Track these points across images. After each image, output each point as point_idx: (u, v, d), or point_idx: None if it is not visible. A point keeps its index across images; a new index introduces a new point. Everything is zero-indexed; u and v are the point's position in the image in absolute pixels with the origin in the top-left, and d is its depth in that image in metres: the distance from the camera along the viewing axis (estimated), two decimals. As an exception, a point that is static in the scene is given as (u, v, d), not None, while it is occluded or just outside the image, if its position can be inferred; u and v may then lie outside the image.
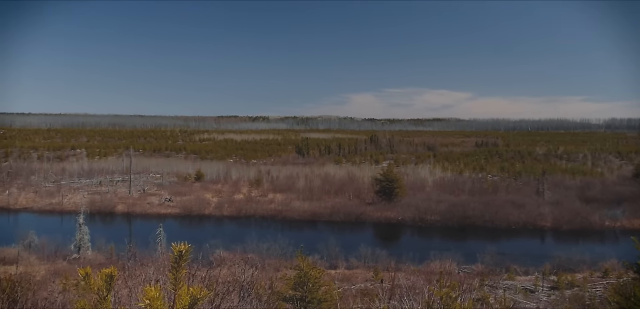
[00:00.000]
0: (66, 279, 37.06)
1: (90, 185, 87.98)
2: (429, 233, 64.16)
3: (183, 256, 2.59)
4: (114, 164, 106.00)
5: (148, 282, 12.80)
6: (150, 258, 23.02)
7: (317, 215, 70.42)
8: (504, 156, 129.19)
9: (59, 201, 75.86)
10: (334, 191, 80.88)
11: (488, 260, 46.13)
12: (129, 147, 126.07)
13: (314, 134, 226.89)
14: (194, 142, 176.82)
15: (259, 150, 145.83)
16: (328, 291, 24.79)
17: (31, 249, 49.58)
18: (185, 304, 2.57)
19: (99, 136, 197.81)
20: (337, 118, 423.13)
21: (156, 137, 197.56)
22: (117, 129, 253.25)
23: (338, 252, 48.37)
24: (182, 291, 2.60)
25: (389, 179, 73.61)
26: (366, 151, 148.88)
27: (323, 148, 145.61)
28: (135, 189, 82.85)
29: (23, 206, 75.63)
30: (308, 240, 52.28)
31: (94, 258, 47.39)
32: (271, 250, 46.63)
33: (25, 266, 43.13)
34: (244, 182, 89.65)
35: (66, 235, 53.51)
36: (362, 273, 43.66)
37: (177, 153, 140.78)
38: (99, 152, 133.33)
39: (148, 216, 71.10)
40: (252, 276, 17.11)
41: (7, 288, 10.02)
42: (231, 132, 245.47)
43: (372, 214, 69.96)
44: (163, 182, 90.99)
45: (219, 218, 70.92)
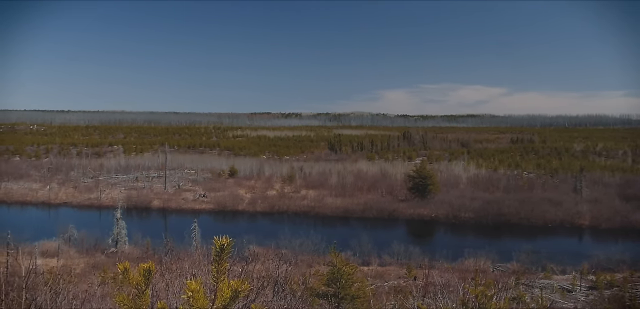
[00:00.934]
0: (104, 272, 37.94)
1: (127, 181, 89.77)
2: (463, 230, 63.43)
3: (225, 250, 2.63)
4: (150, 160, 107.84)
5: (184, 276, 13.00)
6: (186, 253, 23.34)
7: (350, 211, 70.35)
8: (540, 153, 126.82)
9: (97, 196, 77.61)
10: (366, 187, 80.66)
11: (524, 258, 45.33)
12: (165, 143, 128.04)
13: (347, 131, 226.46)
14: (228, 139, 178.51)
15: (291, 146, 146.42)
16: (361, 287, 24.77)
17: (71, 243, 50.92)
18: (226, 298, 2.61)
19: (136, 133, 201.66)
20: (369, 114, 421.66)
21: (191, 134, 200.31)
22: (152, 126, 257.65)
23: (371, 249, 48.23)
24: (223, 285, 2.64)
25: (422, 176, 73.02)
26: (399, 147, 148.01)
27: (355, 145, 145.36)
28: (170, 185, 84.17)
29: (63, 201, 77.63)
30: (341, 236, 52.31)
31: (131, 251, 48.38)
32: (304, 246, 46.81)
33: (66, 259, 44.35)
34: (276, 178, 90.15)
35: (104, 229, 54.78)
36: (395, 270, 43.45)
37: (211, 149, 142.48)
38: (136, 148, 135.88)
39: (183, 211, 72.18)
40: (286, 272, 17.19)
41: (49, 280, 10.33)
42: (264, 128, 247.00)
43: (405, 211, 69.55)
44: (197, 178, 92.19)
45: (252, 214, 71.50)
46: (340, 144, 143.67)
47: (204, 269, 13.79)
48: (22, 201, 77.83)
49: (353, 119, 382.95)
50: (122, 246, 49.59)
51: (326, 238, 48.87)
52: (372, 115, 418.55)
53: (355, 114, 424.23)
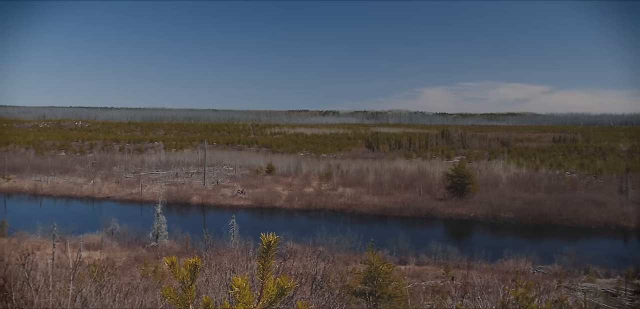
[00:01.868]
0: (145, 265, 38.80)
1: (167, 176, 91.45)
2: (503, 230, 62.31)
3: (271, 247, 2.66)
4: (190, 157, 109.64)
5: (223, 271, 13.18)
6: (224, 248, 23.66)
7: (387, 210, 69.98)
8: (583, 152, 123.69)
9: (139, 191, 79.30)
10: (404, 186, 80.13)
11: (566, 261, 44.24)
12: (204, 140, 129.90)
13: (384, 129, 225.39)
14: (266, 136, 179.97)
15: (329, 144, 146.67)
16: (398, 286, 24.67)
17: (113, 236, 52.20)
18: (272, 295, 2.64)
19: (176, 130, 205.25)
20: (407, 112, 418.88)
21: (229, 131, 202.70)
22: (192, 123, 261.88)
23: (408, 248, 47.86)
24: (269, 282, 2.67)
25: (460, 175, 72.07)
26: (437, 145, 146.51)
27: (393, 143, 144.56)
28: (209, 181, 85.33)
29: (106, 195, 79.61)
30: (378, 235, 52.12)
31: (171, 246, 49.26)
32: (341, 244, 46.82)
33: (108, 252, 45.51)
34: (314, 175, 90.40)
35: (145, 224, 55.95)
36: (432, 270, 43.05)
37: (249, 146, 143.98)
38: (176, 145, 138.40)
39: (221, 207, 73.08)
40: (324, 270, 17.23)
41: (94, 273, 10.63)
42: (302, 126, 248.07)
43: (443, 210, 68.78)
44: (236, 174, 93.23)
45: (290, 211, 71.87)
46: (378, 142, 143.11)
47: (243, 265, 13.95)
48: (68, 194, 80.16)
49: (391, 117, 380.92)
50: (162, 241, 50.52)
51: (363, 236, 48.81)
52: (410, 113, 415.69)
53: (393, 112, 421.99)
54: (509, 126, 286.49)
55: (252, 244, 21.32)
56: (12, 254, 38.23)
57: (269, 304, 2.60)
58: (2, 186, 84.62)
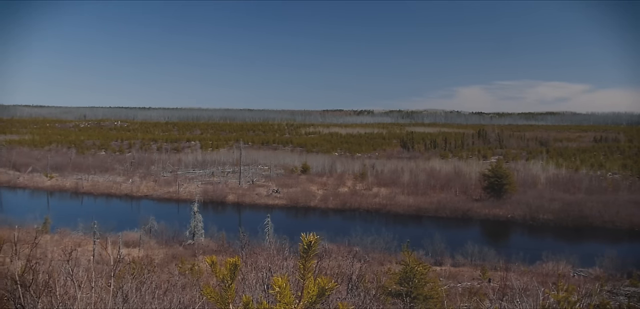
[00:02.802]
0: (182, 263, 39.40)
1: (204, 175, 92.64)
2: (541, 232, 61.01)
3: (312, 246, 2.66)
4: (225, 156, 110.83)
5: (259, 270, 13.27)
6: (260, 247, 23.83)
7: (422, 210, 69.38)
8: (626, 153, 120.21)
9: (176, 189, 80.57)
10: (439, 186, 79.31)
11: (607, 264, 43.02)
12: (239, 140, 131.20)
13: (419, 128, 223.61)
14: (300, 136, 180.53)
15: (363, 144, 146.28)
16: (434, 287, 24.41)
17: (151, 234, 53.17)
18: (312, 295, 2.63)
19: (212, 129, 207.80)
20: (443, 112, 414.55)
21: (264, 131, 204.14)
22: (228, 123, 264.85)
23: (443, 249, 47.34)
24: (310, 282, 2.67)
25: (497, 175, 70.92)
26: (474, 145, 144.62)
27: (428, 142, 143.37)
28: (244, 180, 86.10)
29: (144, 194, 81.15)
30: (413, 235, 51.68)
31: (207, 244, 49.91)
32: (375, 244, 46.62)
33: (146, 249, 46.40)
34: (348, 175, 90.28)
35: (182, 222, 56.85)
36: (468, 271, 42.50)
37: (284, 146, 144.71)
38: (212, 144, 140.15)
39: (256, 206, 73.65)
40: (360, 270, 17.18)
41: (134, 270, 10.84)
42: (336, 125, 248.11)
43: (480, 211, 67.79)
44: (271, 174, 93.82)
45: (324, 210, 71.94)
46: (413, 142, 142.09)
47: (279, 264, 14.02)
48: (107, 193, 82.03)
49: (426, 117, 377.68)
50: (199, 239, 51.20)
51: (398, 237, 48.49)
52: (445, 112, 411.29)
53: (428, 111, 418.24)
54: (548, 125, 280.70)
55: (287, 243, 21.42)
56: (55, 251, 39.38)
57: (309, 305, 2.60)
58: (45, 184, 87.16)
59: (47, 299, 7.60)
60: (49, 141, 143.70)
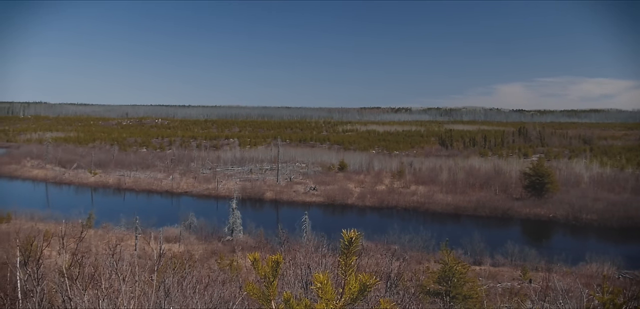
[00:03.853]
0: (221, 258, 39.95)
1: (242, 172, 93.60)
2: (584, 232, 59.42)
3: (353, 243, 2.67)
4: (263, 153, 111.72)
5: (297, 267, 13.34)
6: (298, 244, 23.94)
7: (461, 209, 68.51)
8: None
9: (215, 186, 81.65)
10: (478, 184, 78.15)
11: (655, 266, 41.65)
12: (277, 137, 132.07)
13: (458, 126, 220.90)
14: (338, 133, 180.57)
15: (401, 141, 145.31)
16: (473, 287, 24.12)
17: (191, 230, 54.04)
18: (354, 292, 2.64)
19: (250, 127, 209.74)
20: (482, 109, 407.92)
21: (302, 128, 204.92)
22: (266, 120, 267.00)
23: (483, 248, 46.59)
24: (351, 278, 2.68)
25: (539, 174, 69.42)
26: (514, 143, 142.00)
27: (467, 140, 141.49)
28: (282, 178, 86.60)
29: (184, 190, 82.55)
30: (451, 234, 51.06)
31: (245, 240, 50.43)
32: (413, 242, 46.26)
33: (186, 245, 47.21)
34: (386, 173, 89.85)
35: (221, 218, 57.64)
36: (508, 272, 41.76)
37: (321, 143, 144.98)
38: (250, 141, 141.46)
39: (294, 203, 74.02)
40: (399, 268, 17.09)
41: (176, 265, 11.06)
42: (374, 123, 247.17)
43: (520, 210, 66.50)
44: (308, 171, 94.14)
45: (361, 208, 71.77)
46: (452, 140, 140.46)
47: (317, 260, 14.07)
48: (149, 189, 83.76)
49: (465, 114, 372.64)
50: (237, 235, 51.78)
51: (436, 235, 48.02)
52: (485, 110, 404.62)
53: (467, 108, 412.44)
54: (592, 123, 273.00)
55: (325, 240, 21.46)
56: (99, 245, 40.44)
57: (351, 301, 2.61)
58: (89, 180, 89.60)
59: (93, 291, 7.83)
60: (93, 138, 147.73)
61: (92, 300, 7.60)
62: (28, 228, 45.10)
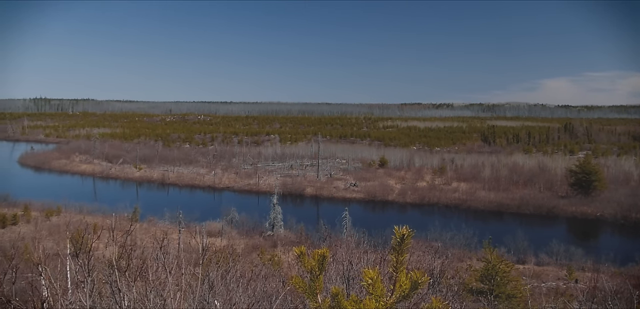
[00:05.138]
0: (262, 253, 40.35)
1: (283, 168, 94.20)
2: (634, 232, 57.42)
3: (405, 240, 2.65)
4: (304, 149, 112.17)
5: (339, 262, 13.36)
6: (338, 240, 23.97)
7: (504, 206, 67.25)
8: None
9: (256, 182, 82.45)
10: (522, 181, 76.55)
11: None
12: (317, 133, 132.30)
13: (501, 122, 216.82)
14: (378, 129, 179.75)
15: (442, 138, 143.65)
16: (517, 286, 23.69)
17: (232, 225, 54.72)
18: (405, 289, 2.63)
19: (290, 123, 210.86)
20: (526, 105, 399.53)
21: (342, 124, 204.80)
22: (306, 117, 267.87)
23: (526, 246, 45.64)
24: (402, 275, 2.66)
25: (586, 171, 67.53)
26: (559, 140, 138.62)
27: (511, 137, 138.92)
28: (322, 174, 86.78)
29: (226, 185, 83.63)
30: (494, 232, 50.11)
31: (286, 235, 50.75)
32: (455, 239, 45.66)
33: (228, 239, 47.86)
34: (427, 169, 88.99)
35: (262, 213, 58.19)
36: (553, 271, 40.81)
37: (361, 140, 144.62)
38: (290, 137, 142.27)
39: (334, 199, 74.07)
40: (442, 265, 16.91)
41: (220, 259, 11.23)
42: (414, 119, 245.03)
43: (566, 208, 64.83)
44: (348, 167, 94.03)
45: (402, 205, 71.26)
46: (495, 136, 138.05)
47: (358, 256, 14.05)
48: (191, 184, 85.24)
49: (508, 110, 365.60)
50: (278, 230, 52.14)
51: (478, 233, 47.25)
52: (529, 105, 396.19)
53: (510, 104, 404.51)
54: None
55: (365, 236, 21.42)
56: (144, 238, 41.38)
57: (402, 299, 2.59)
58: (134, 175, 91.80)
59: (141, 283, 8.02)
60: (138, 134, 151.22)
61: (140, 292, 7.78)
62: (77, 221, 46.64)
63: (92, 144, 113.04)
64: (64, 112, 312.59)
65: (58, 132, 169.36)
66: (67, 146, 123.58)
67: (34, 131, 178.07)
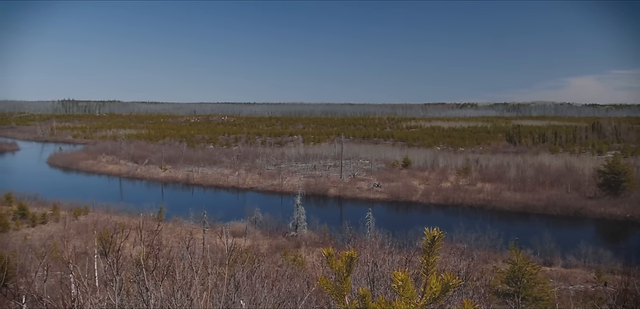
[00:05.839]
0: (285, 253, 40.46)
1: (306, 169, 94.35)
2: (665, 234, 56.22)
3: (436, 241, 2.62)
4: (327, 150, 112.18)
5: (364, 263, 13.32)
6: (362, 240, 23.90)
7: (530, 207, 66.36)
8: None
9: (279, 182, 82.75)
10: (549, 182, 75.41)
11: None
12: (340, 134, 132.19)
13: (527, 122, 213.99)
14: (401, 130, 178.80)
15: (466, 138, 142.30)
16: (544, 289, 23.36)
17: (256, 225, 55.00)
18: (435, 291, 2.60)
19: (313, 124, 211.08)
20: (552, 104, 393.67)
21: (365, 125, 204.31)
22: (329, 117, 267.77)
23: (553, 248, 44.96)
24: (432, 277, 2.64)
25: (614, 172, 66.29)
26: (587, 139, 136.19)
27: (537, 136, 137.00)
28: (345, 174, 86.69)
29: (249, 186, 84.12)
30: (520, 233, 49.48)
31: (309, 236, 50.82)
32: (480, 241, 45.21)
33: (252, 239, 48.11)
34: (451, 170, 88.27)
35: (285, 214, 58.37)
36: (581, 273, 40.13)
37: (384, 140, 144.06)
38: (314, 138, 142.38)
39: (357, 200, 73.95)
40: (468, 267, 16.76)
41: (245, 260, 11.29)
42: (438, 119, 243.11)
43: (594, 209, 63.68)
44: (371, 168, 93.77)
45: (426, 205, 70.81)
46: (520, 136, 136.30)
47: (382, 258, 14.00)
48: (215, 184, 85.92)
49: (534, 109, 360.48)
50: (301, 231, 52.25)
51: (504, 234, 46.70)
52: (555, 104, 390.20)
53: (536, 103, 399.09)
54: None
55: (389, 237, 21.33)
56: (169, 238, 41.81)
57: (432, 301, 2.57)
58: (160, 175, 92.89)
59: (167, 283, 8.11)
60: (163, 135, 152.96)
61: (167, 291, 7.87)
62: (104, 220, 47.39)
63: (118, 145, 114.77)
64: (91, 114, 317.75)
65: (85, 133, 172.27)
66: (94, 147, 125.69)
67: (62, 132, 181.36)
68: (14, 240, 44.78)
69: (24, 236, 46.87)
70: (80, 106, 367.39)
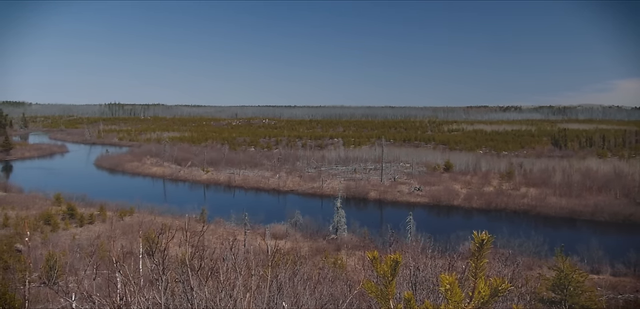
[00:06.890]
0: (325, 256, 40.50)
1: (346, 172, 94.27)
2: None
3: (484, 245, 2.60)
4: (367, 153, 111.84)
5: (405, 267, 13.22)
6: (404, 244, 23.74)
7: (576, 213, 64.58)
8: None
9: (319, 185, 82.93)
10: (596, 187, 73.21)
11: None
12: (381, 137, 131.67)
13: (573, 125, 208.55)
14: (443, 133, 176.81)
15: (510, 141, 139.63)
16: (591, 297, 22.72)
17: (296, 227, 55.26)
18: (484, 296, 2.58)
19: (354, 127, 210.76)
20: (600, 107, 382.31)
21: (406, 128, 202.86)
22: (370, 120, 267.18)
23: (601, 256, 43.57)
24: (481, 281, 2.61)
25: (667, 177, 63.88)
26: (637, 144, 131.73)
27: (583, 140, 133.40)
28: (386, 177, 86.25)
29: (290, 188, 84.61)
30: (566, 239, 47.93)
31: (349, 239, 50.75)
32: (524, 247, 44.26)
33: (292, 242, 48.36)
34: (494, 174, 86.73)
35: (325, 217, 58.46)
36: (631, 282, 38.77)
37: (426, 143, 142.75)
38: (354, 141, 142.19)
39: (398, 203, 73.45)
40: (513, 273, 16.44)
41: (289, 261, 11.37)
42: (481, 122, 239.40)
43: (645, 216, 61.49)
44: (412, 171, 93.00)
45: (468, 210, 69.78)
46: (566, 140, 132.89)
47: (424, 261, 13.86)
48: (256, 187, 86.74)
49: (581, 112, 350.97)
50: (342, 234, 52.20)
51: (549, 240, 45.58)
52: (603, 107, 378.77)
53: (583, 106, 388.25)
54: None
55: (431, 241, 21.10)
56: (211, 239, 42.43)
57: (480, 306, 2.54)
58: (202, 177, 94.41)
59: (211, 283, 8.25)
60: (206, 138, 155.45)
61: (211, 291, 8.00)
62: (149, 221, 48.49)
63: (162, 148, 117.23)
64: (136, 117, 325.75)
65: (130, 136, 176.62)
66: (139, 149, 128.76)
67: (108, 134, 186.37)
68: (63, 239, 46.35)
69: (72, 236, 48.39)
70: (126, 109, 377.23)
